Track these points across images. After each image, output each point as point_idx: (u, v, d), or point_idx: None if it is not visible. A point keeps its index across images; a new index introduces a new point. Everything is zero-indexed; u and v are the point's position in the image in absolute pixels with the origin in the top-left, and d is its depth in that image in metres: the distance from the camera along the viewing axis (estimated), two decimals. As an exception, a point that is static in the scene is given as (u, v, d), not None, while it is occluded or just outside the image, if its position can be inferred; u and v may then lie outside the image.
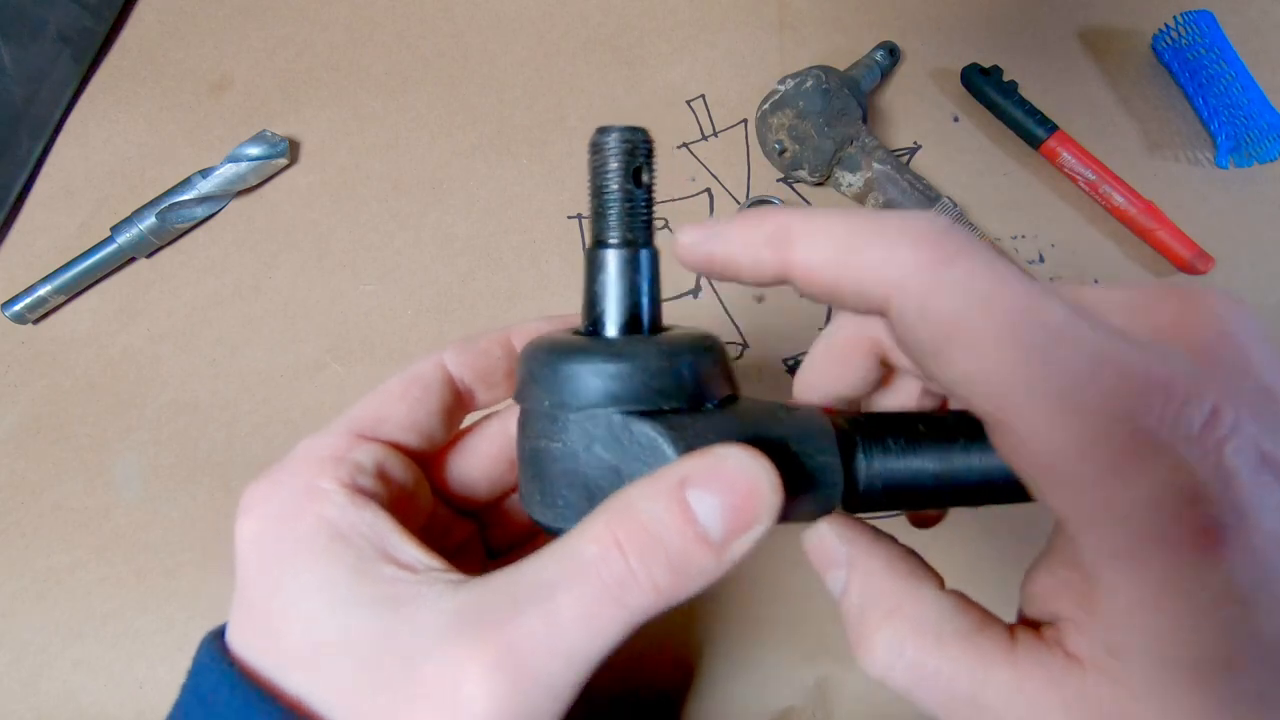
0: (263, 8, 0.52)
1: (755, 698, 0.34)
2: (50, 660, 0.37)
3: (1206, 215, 0.43)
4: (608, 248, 0.21)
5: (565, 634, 0.16)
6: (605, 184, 0.20)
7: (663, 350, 0.19)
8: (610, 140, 0.20)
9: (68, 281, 0.43)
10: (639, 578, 0.16)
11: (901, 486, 0.19)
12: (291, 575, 0.19)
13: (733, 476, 0.16)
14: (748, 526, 0.17)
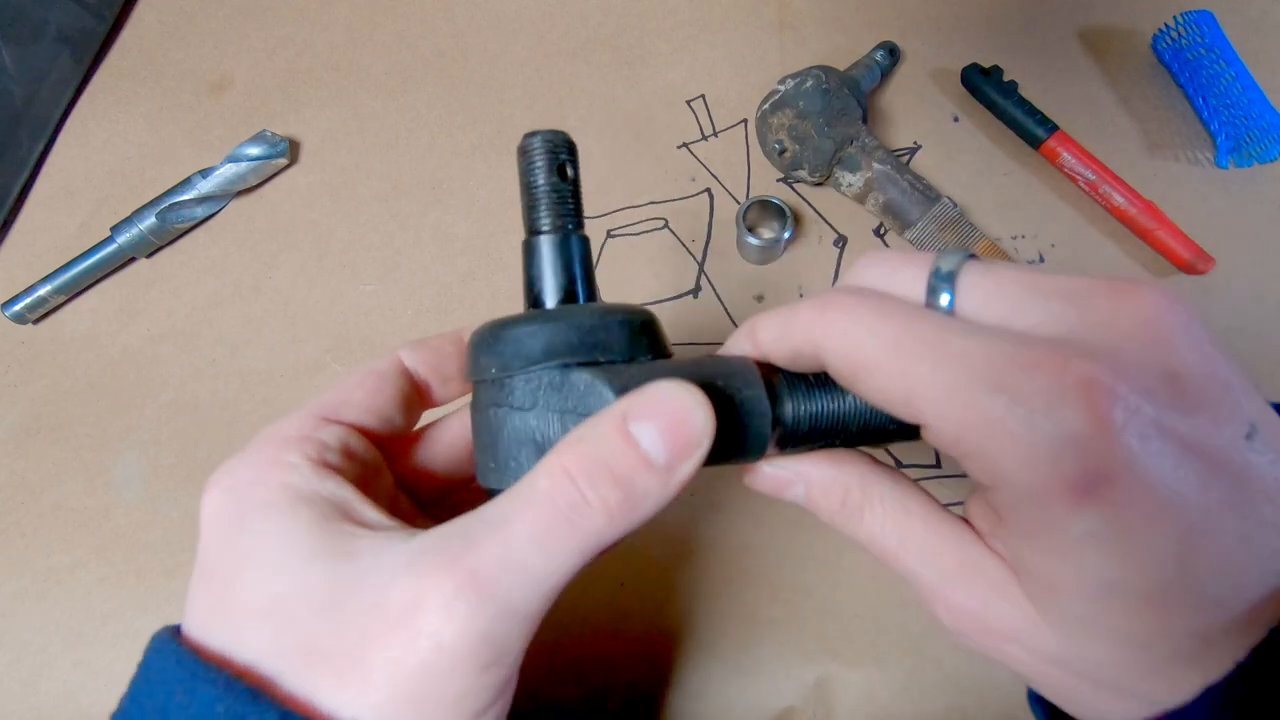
0: (263, 8, 0.52)
1: (755, 698, 0.34)
2: (50, 660, 0.37)
3: (1206, 215, 0.43)
4: (540, 234, 0.23)
5: (523, 555, 0.17)
6: (534, 180, 0.23)
7: (595, 310, 0.21)
8: (535, 142, 0.23)
9: (68, 281, 0.43)
10: (589, 499, 0.17)
11: (824, 424, 0.21)
12: (250, 536, 0.19)
13: (668, 404, 0.18)
14: (687, 448, 0.18)
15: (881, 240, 0.44)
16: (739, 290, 0.43)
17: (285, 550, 0.18)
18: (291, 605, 0.18)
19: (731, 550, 0.37)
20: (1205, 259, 0.41)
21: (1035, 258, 0.43)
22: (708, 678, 0.35)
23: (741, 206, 0.43)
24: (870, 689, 0.34)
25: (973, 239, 0.41)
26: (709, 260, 0.43)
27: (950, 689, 0.34)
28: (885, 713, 0.34)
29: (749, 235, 0.41)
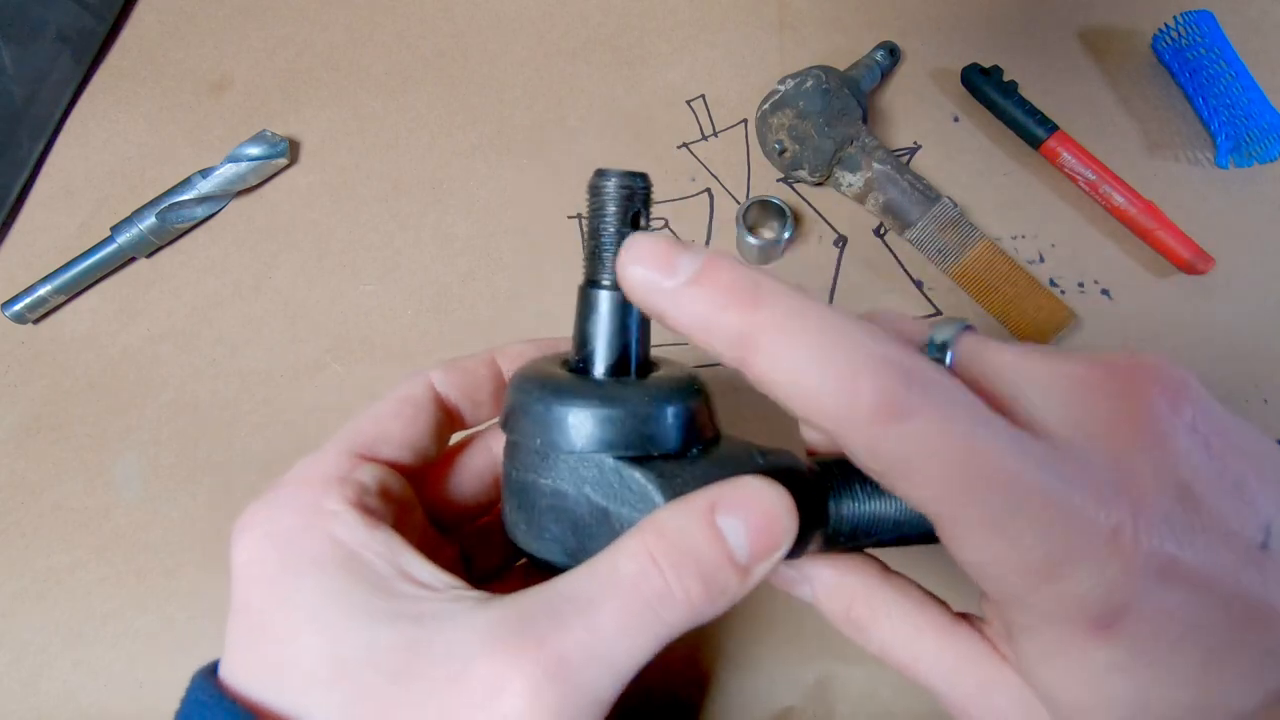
0: (263, 8, 0.52)
1: (755, 698, 0.34)
2: (50, 660, 0.37)
3: (1206, 215, 0.43)
4: (601, 289, 0.21)
5: (608, 644, 0.17)
6: (603, 226, 0.21)
7: (653, 396, 0.20)
8: (609, 184, 0.20)
9: (68, 281, 0.43)
10: (674, 591, 0.17)
11: (865, 528, 0.20)
12: (305, 593, 0.18)
13: (757, 503, 0.18)
14: (770, 548, 0.18)
15: (882, 240, 0.44)
16: (739, 290, 0.43)
17: (347, 611, 0.18)
18: (362, 671, 0.17)
19: (731, 550, 0.37)
20: (1205, 259, 0.41)
21: (1035, 258, 0.43)
22: (708, 677, 0.35)
23: (741, 206, 0.43)
24: (870, 688, 0.34)
25: (973, 239, 0.41)
26: (709, 260, 0.43)
27: (950, 689, 0.34)
28: (885, 712, 0.34)
29: (749, 235, 0.41)
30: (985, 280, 0.41)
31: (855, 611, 0.21)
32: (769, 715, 0.34)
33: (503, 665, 0.16)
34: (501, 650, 0.16)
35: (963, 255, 0.41)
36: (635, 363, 0.21)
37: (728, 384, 0.41)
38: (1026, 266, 0.42)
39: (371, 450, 0.22)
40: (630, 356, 0.21)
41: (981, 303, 0.41)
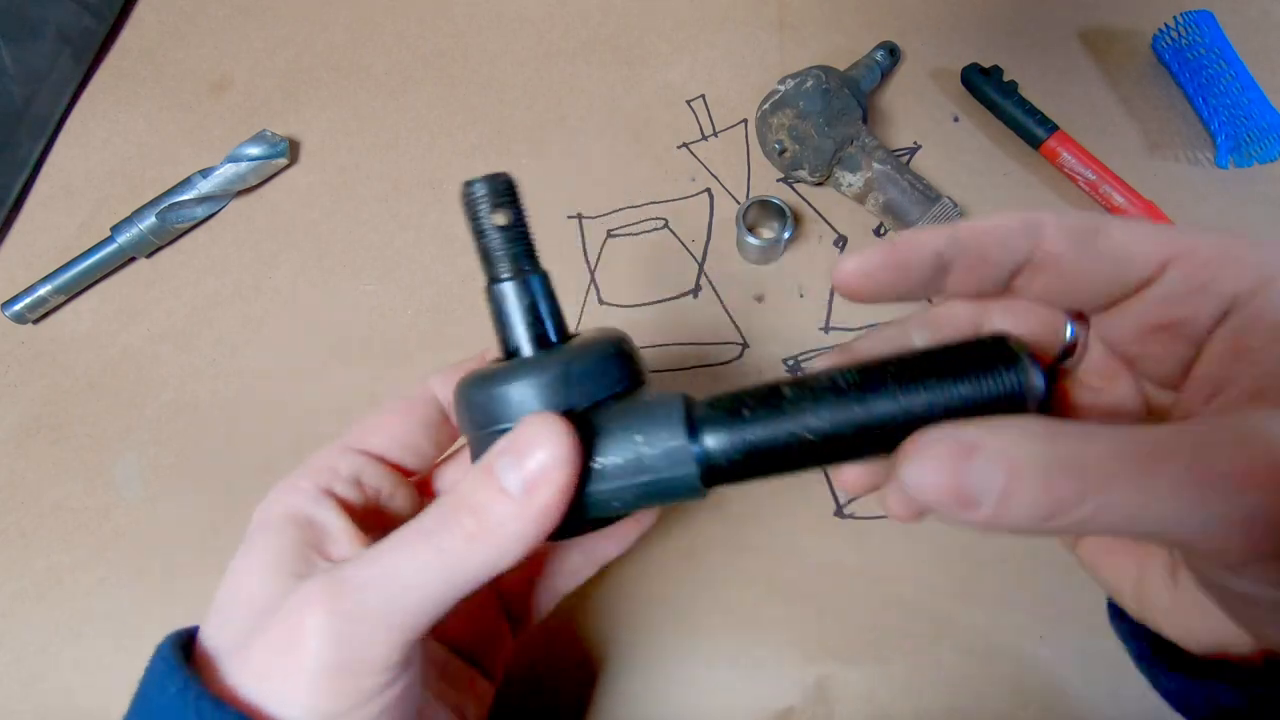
0: (263, 8, 0.52)
1: (755, 698, 0.34)
2: (50, 660, 0.37)
3: (1206, 215, 0.43)
4: (501, 283, 0.23)
5: (382, 570, 0.19)
6: (481, 228, 0.23)
7: (560, 360, 0.21)
8: (475, 190, 0.22)
9: (68, 281, 0.43)
10: (449, 525, 0.19)
11: (762, 450, 0.19)
12: (254, 550, 0.22)
13: (524, 438, 0.19)
14: (540, 475, 0.19)
15: (881, 240, 0.44)
16: (739, 290, 0.43)
17: (262, 564, 0.21)
18: (237, 607, 0.21)
19: (732, 550, 0.37)
20: (1205, 259, 0.41)
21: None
22: (708, 677, 0.35)
23: (741, 206, 0.43)
24: (870, 689, 0.34)
25: (973, 239, 0.41)
26: (709, 260, 0.43)
27: (950, 689, 0.34)
28: (885, 713, 0.34)
29: (749, 235, 0.41)
30: (985, 280, 0.41)
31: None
32: (769, 715, 0.34)
33: (305, 597, 0.19)
34: (311, 585, 0.20)
35: (963, 255, 0.41)
36: (555, 336, 0.23)
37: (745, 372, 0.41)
38: (1026, 266, 0.42)
39: (359, 443, 0.25)
40: (548, 332, 0.23)
41: (981, 303, 0.41)
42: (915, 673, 0.34)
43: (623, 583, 0.36)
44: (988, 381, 0.17)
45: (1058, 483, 0.15)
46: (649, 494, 0.20)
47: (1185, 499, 0.15)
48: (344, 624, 0.19)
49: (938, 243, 0.20)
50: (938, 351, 0.18)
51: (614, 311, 0.42)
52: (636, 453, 0.20)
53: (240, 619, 0.21)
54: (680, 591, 0.36)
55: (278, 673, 0.19)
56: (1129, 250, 0.18)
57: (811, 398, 0.19)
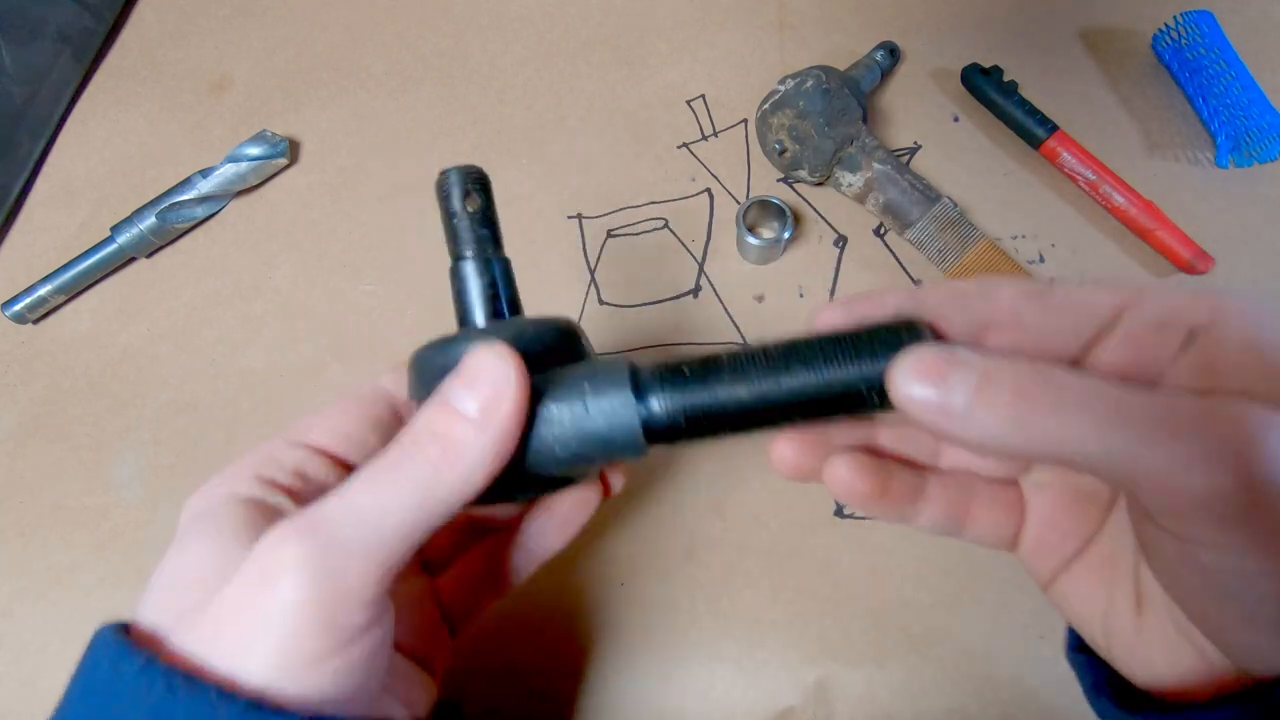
0: (263, 8, 0.52)
1: (755, 698, 0.34)
2: (50, 660, 0.37)
3: (1206, 215, 0.43)
4: (463, 260, 0.25)
5: (354, 501, 0.19)
6: (451, 211, 0.25)
7: (502, 329, 0.23)
8: (449, 178, 0.24)
9: (68, 281, 0.43)
10: (412, 454, 0.20)
11: (705, 413, 0.21)
12: (186, 534, 0.22)
13: (475, 368, 0.20)
14: (494, 396, 0.20)
15: (882, 240, 0.44)
16: (739, 290, 0.43)
17: (201, 539, 0.21)
18: (180, 586, 0.21)
19: (732, 550, 0.37)
20: (1205, 259, 0.41)
21: (1035, 258, 0.43)
22: (708, 678, 0.35)
23: (741, 206, 0.43)
24: (870, 689, 0.34)
25: (973, 239, 0.41)
26: (709, 260, 0.43)
27: (950, 689, 0.34)
28: (885, 713, 0.34)
29: (749, 235, 0.41)
30: (985, 280, 0.41)
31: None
32: (769, 715, 0.34)
33: (274, 543, 0.19)
34: (276, 530, 0.19)
35: (963, 255, 0.41)
36: (509, 310, 0.25)
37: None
38: (1026, 266, 0.42)
39: (301, 437, 0.25)
40: (502, 304, 0.25)
41: (981, 303, 0.41)
42: (915, 673, 0.34)
43: (622, 583, 0.36)
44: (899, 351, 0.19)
45: (1028, 389, 0.17)
46: (594, 447, 0.21)
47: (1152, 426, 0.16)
48: (321, 558, 0.18)
49: (898, 301, 0.21)
50: (860, 332, 0.21)
51: (614, 311, 0.42)
52: (584, 405, 0.21)
53: (185, 595, 0.20)
54: (680, 591, 0.36)
55: (246, 625, 0.19)
56: (1083, 301, 0.20)
57: (747, 366, 0.21)
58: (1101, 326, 0.20)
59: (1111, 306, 0.20)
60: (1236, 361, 0.18)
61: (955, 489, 0.24)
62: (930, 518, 0.24)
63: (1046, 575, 0.24)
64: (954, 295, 0.21)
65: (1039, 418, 0.17)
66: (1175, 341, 0.19)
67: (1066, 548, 0.24)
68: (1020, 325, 0.20)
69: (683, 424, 0.21)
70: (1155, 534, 0.18)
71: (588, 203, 0.45)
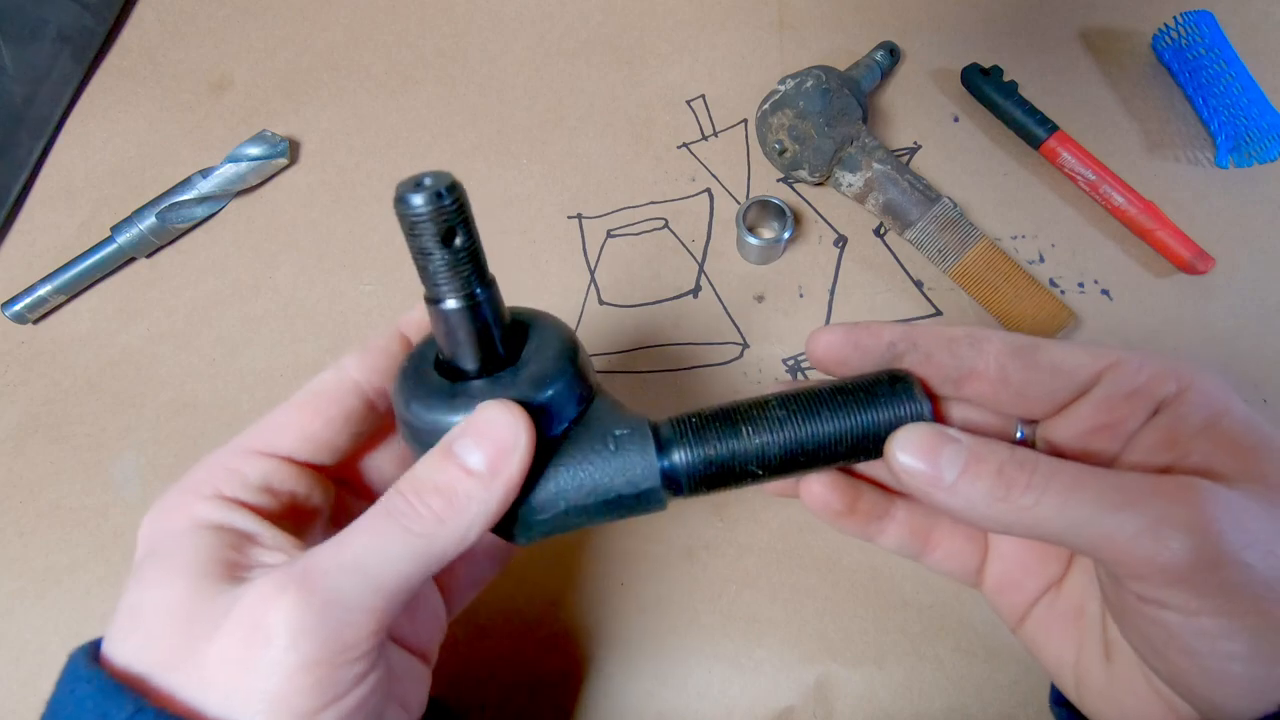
0: (263, 8, 0.52)
1: (755, 698, 0.34)
2: (50, 660, 0.37)
3: (1206, 215, 0.43)
4: (441, 303, 0.21)
5: (353, 555, 0.19)
6: (424, 248, 0.20)
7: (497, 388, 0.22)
8: (411, 208, 0.19)
9: (68, 281, 0.43)
10: (415, 506, 0.20)
11: (724, 469, 0.22)
12: (153, 560, 0.21)
13: (481, 421, 0.20)
14: (502, 453, 0.20)
15: (882, 240, 0.44)
16: (739, 290, 0.43)
17: (173, 573, 0.20)
18: (153, 622, 0.20)
19: (732, 550, 0.37)
20: (1205, 259, 0.41)
21: (1035, 258, 0.43)
22: (708, 678, 0.35)
23: (741, 206, 0.43)
24: (870, 689, 0.34)
25: (973, 239, 0.41)
26: (709, 260, 0.43)
27: (950, 689, 0.34)
28: (885, 713, 0.34)
29: (749, 235, 0.41)
30: (985, 280, 0.41)
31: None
32: (769, 715, 0.34)
33: (266, 592, 0.18)
34: (269, 581, 0.19)
35: (963, 255, 0.41)
36: (500, 347, 0.22)
37: (745, 371, 0.41)
38: (1026, 266, 0.42)
39: (267, 446, 0.23)
40: (495, 346, 0.22)
41: (981, 303, 0.41)
42: (915, 673, 0.34)
43: (622, 583, 0.36)
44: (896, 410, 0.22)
45: (1008, 470, 0.20)
46: (618, 511, 0.22)
47: (1107, 503, 0.18)
48: (317, 614, 0.18)
49: (893, 336, 0.23)
50: (857, 384, 0.22)
51: (614, 311, 0.42)
52: (611, 489, 0.22)
53: (161, 634, 0.19)
54: (680, 591, 0.36)
55: (240, 679, 0.18)
56: (1067, 364, 0.22)
57: (763, 427, 0.22)
58: (1080, 389, 0.22)
59: (1090, 371, 0.21)
60: (1197, 437, 0.20)
61: (920, 515, 0.26)
62: (894, 537, 0.26)
63: (1014, 616, 0.26)
64: (945, 340, 0.22)
65: (1016, 494, 0.19)
66: (1144, 411, 0.21)
67: (1030, 587, 0.25)
68: (1004, 380, 0.22)
69: (702, 482, 0.22)
70: (1120, 594, 0.20)
71: (588, 203, 0.45)
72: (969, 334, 0.22)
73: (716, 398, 0.40)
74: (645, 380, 0.41)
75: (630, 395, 0.40)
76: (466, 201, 0.20)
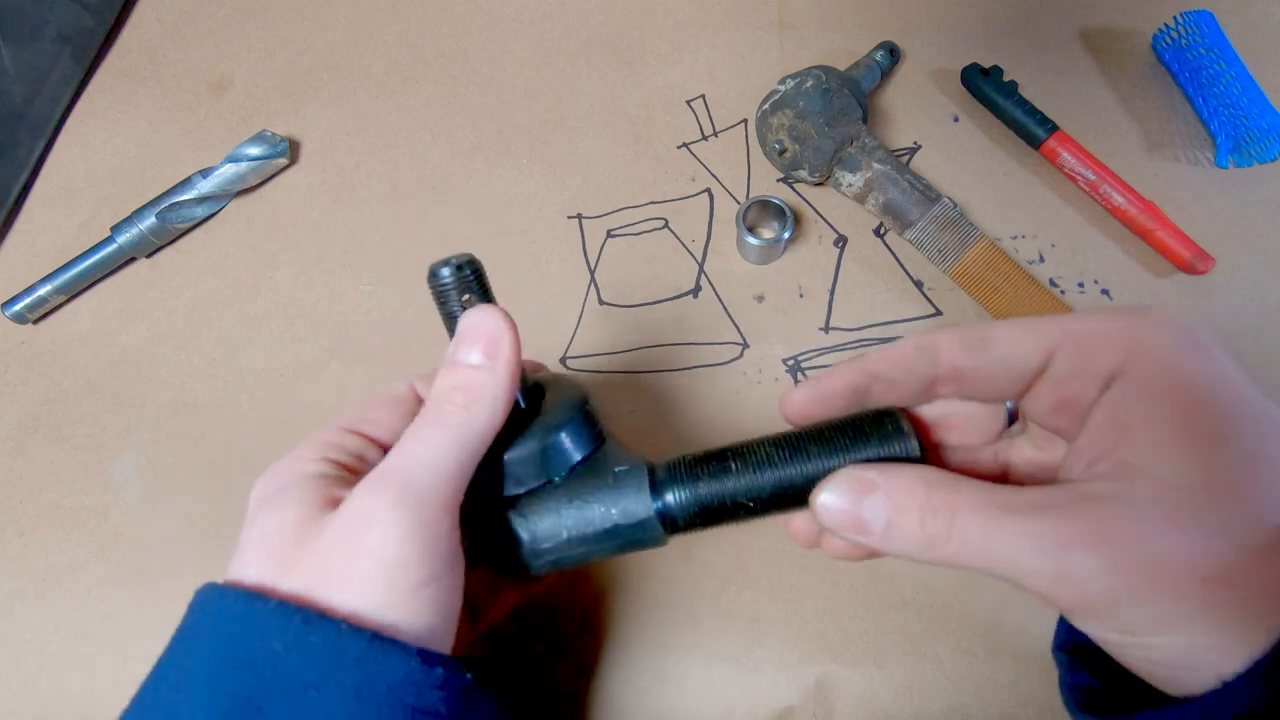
0: (263, 8, 0.52)
1: (755, 698, 0.34)
2: (50, 660, 0.37)
3: (1206, 215, 0.43)
4: None
5: (413, 455, 0.23)
6: (451, 311, 0.25)
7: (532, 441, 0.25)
8: (444, 278, 0.25)
9: (68, 281, 0.43)
10: (444, 407, 0.24)
11: (715, 506, 0.24)
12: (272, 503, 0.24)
13: (469, 328, 0.24)
14: (494, 344, 0.24)
15: (882, 240, 0.44)
16: (739, 290, 0.43)
17: (284, 508, 0.23)
18: (275, 540, 0.23)
19: (732, 550, 0.37)
20: (1205, 259, 0.41)
21: (1035, 258, 0.43)
22: (708, 678, 0.35)
23: (741, 206, 0.43)
24: (870, 689, 0.34)
25: (973, 239, 0.41)
26: (709, 260, 0.43)
27: (950, 689, 0.34)
28: (885, 713, 0.34)
29: (749, 235, 0.41)
30: (985, 280, 0.41)
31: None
32: (769, 715, 0.34)
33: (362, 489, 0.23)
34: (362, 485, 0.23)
35: (963, 255, 0.41)
36: (522, 400, 0.26)
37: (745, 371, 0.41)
38: (1026, 266, 0.42)
39: (356, 427, 0.27)
40: (519, 400, 0.26)
41: (981, 303, 0.41)
42: (915, 673, 0.34)
43: (622, 582, 0.36)
44: (882, 447, 0.23)
45: (929, 523, 0.20)
46: (620, 548, 0.25)
47: (1022, 549, 0.19)
48: (405, 499, 0.22)
49: (851, 378, 0.24)
50: (846, 423, 0.24)
51: (614, 311, 0.42)
52: (611, 520, 0.25)
53: (279, 549, 0.22)
54: (680, 591, 0.36)
55: (353, 562, 0.21)
56: (1014, 350, 0.22)
57: (752, 466, 0.24)
58: (1036, 371, 0.22)
59: (1043, 351, 0.22)
60: (1137, 423, 0.20)
61: None
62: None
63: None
64: (895, 360, 0.24)
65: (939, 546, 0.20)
66: (1096, 387, 0.21)
67: None
68: (963, 378, 0.23)
69: (696, 519, 0.24)
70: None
71: (588, 203, 0.45)
72: (917, 346, 0.23)
73: (716, 397, 0.40)
74: (645, 380, 0.41)
75: (630, 395, 0.40)
76: (484, 273, 0.26)
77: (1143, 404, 0.20)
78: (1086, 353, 0.21)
